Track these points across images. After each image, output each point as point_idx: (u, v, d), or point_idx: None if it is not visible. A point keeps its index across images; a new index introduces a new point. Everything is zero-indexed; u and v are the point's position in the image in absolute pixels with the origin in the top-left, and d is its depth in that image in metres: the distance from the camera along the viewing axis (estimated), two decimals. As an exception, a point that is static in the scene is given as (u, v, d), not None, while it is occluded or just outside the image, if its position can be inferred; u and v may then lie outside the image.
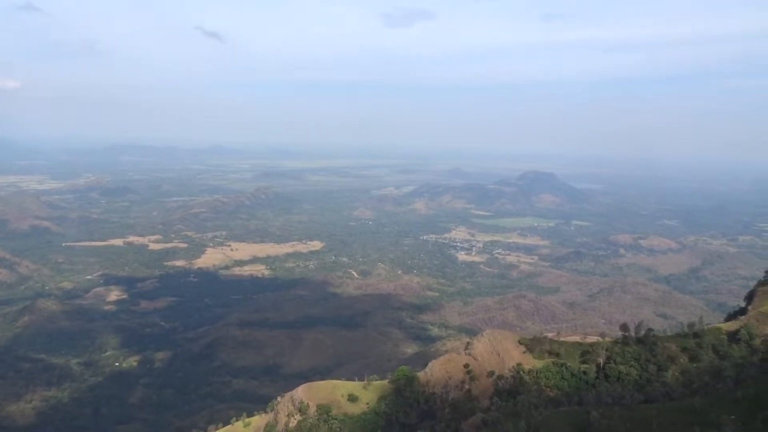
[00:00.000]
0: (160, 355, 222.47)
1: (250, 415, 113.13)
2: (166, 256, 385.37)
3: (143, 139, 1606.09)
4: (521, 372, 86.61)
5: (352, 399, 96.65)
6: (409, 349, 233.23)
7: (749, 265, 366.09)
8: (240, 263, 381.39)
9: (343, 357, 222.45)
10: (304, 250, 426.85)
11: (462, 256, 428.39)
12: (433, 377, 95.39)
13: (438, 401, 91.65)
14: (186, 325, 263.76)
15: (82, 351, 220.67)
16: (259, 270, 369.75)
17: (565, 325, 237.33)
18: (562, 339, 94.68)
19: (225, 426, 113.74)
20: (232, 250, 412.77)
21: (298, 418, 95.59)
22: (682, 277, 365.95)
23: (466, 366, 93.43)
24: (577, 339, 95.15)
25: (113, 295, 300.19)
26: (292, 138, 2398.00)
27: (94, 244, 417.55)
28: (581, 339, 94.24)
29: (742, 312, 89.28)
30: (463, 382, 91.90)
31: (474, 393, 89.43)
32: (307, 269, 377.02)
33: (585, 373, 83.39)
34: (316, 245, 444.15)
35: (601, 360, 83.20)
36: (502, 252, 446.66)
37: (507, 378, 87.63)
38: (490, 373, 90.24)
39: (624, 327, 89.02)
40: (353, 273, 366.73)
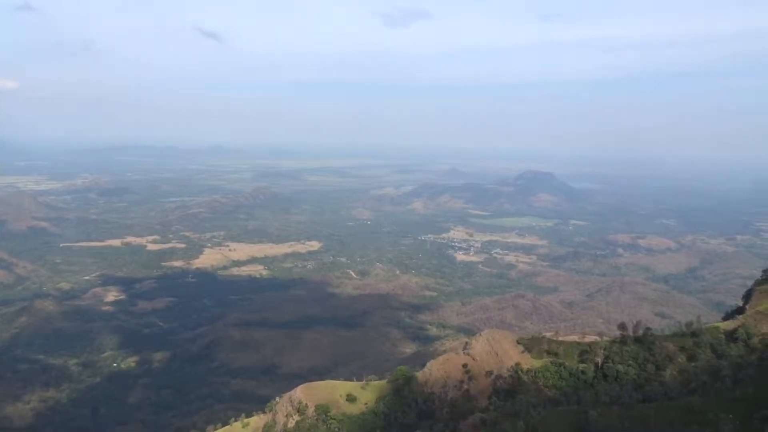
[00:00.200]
0: (159, 356, 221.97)
1: (249, 415, 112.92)
2: (165, 257, 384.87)
3: (141, 139, 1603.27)
4: (519, 372, 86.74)
5: (351, 399, 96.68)
6: (407, 349, 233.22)
7: (747, 264, 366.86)
8: (238, 263, 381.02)
9: (342, 357, 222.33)
10: (303, 251, 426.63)
11: (460, 256, 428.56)
12: (432, 377, 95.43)
13: (436, 401, 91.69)
14: (184, 325, 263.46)
15: (80, 352, 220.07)
16: (258, 270, 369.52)
17: (563, 324, 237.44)
18: (561, 339, 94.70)
19: (224, 426, 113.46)
20: (231, 250, 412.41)
21: (296, 418, 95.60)
22: (680, 277, 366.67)
23: (465, 366, 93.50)
24: (575, 338, 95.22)
25: (111, 296, 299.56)
26: (290, 138, 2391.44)
27: (91, 244, 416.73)
28: (579, 338, 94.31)
29: (740, 311, 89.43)
30: (461, 382, 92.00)
31: (472, 393, 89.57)
32: (305, 269, 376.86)
33: (583, 372, 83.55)
34: (315, 245, 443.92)
35: (599, 359, 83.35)
36: (501, 252, 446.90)
37: (505, 378, 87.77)
38: (489, 373, 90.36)
39: (622, 326, 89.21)
40: (351, 273, 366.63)
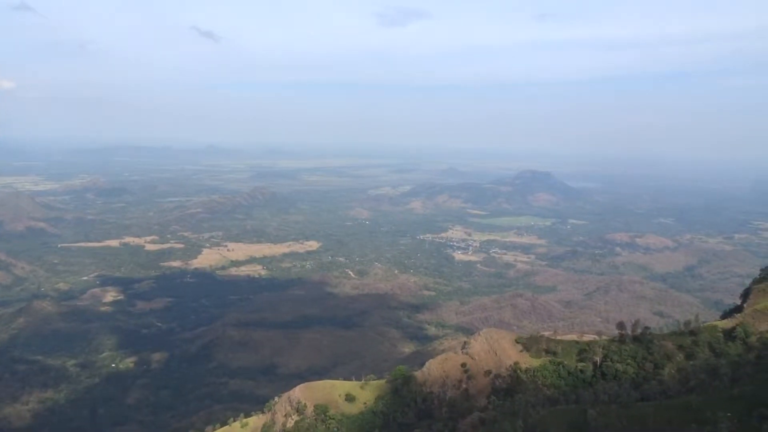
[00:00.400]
0: (157, 356, 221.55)
1: (248, 415, 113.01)
2: (163, 257, 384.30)
3: (139, 139, 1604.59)
4: (518, 371, 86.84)
5: (350, 399, 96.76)
6: (406, 349, 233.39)
7: (745, 263, 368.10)
8: (236, 263, 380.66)
9: (341, 357, 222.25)
10: (301, 250, 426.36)
11: (459, 256, 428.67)
12: (431, 376, 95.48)
13: (435, 400, 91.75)
14: (183, 325, 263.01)
15: (79, 352, 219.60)
16: (256, 270, 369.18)
17: (561, 323, 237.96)
18: (559, 338, 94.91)
19: (222, 426, 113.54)
20: (229, 250, 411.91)
21: (295, 418, 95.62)
22: (679, 275, 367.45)
23: (464, 365, 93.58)
24: (573, 337, 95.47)
25: (109, 296, 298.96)
26: (288, 138, 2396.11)
27: (90, 245, 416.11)
28: (578, 337, 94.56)
29: (737, 310, 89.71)
30: (460, 381, 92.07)
31: (471, 392, 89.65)
32: (303, 269, 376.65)
33: (582, 371, 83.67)
34: (313, 245, 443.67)
35: (597, 358, 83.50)
36: (499, 251, 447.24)
37: (504, 377, 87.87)
38: (488, 372, 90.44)
39: (620, 325, 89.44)
40: (350, 273, 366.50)
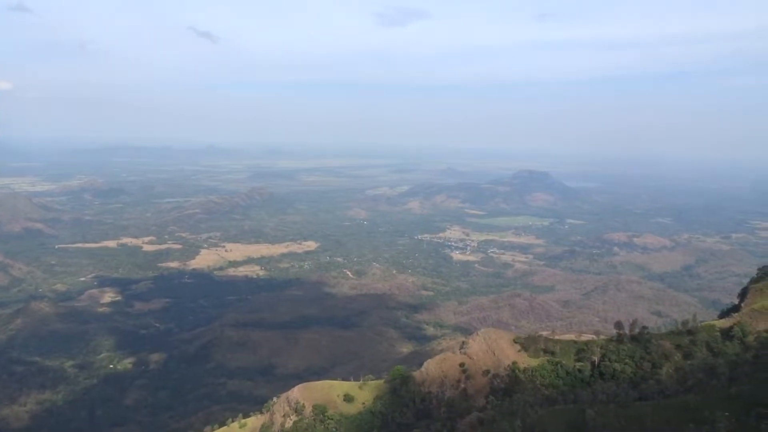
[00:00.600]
0: (155, 357, 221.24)
1: (246, 415, 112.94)
2: (161, 258, 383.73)
3: (136, 140, 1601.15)
4: (516, 371, 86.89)
5: (348, 399, 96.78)
6: (404, 349, 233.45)
7: (742, 262, 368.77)
8: (234, 264, 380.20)
9: (339, 357, 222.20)
10: (299, 251, 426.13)
11: (457, 256, 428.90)
12: (429, 376, 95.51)
13: (434, 400, 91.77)
14: (181, 326, 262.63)
15: (77, 353, 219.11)
16: (254, 271, 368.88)
17: (560, 323, 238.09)
18: (557, 337, 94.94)
19: (221, 427, 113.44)
20: (227, 250, 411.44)
21: (294, 418, 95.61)
22: (676, 275, 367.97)
23: (462, 365, 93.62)
24: (572, 337, 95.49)
25: (107, 297, 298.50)
26: (287, 138, 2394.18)
27: (87, 245, 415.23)
28: (576, 337, 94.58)
29: (735, 309, 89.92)
30: (458, 381, 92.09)
31: (470, 392, 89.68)
32: (302, 269, 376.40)
33: (580, 371, 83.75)
34: (311, 245, 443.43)
35: (595, 358, 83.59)
36: (497, 251, 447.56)
37: (502, 377, 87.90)
38: (486, 372, 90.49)
39: (618, 325, 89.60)
40: (348, 273, 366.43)
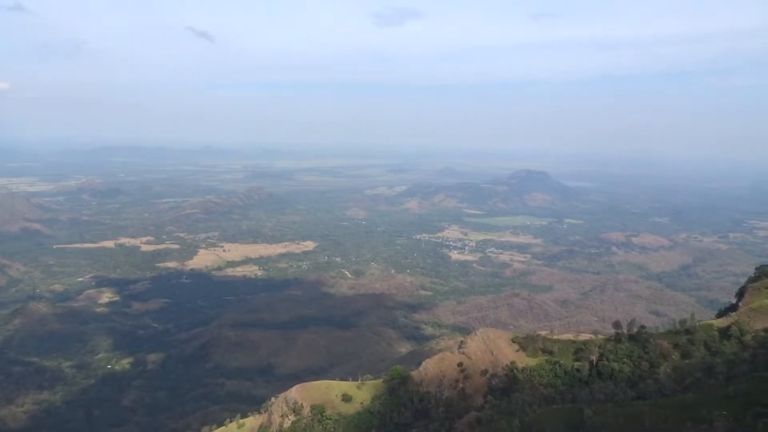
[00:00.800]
0: (153, 357, 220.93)
1: (244, 416, 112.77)
2: (158, 258, 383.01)
3: (134, 140, 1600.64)
4: (515, 370, 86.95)
5: (347, 399, 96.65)
6: (402, 349, 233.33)
7: (740, 262, 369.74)
8: (233, 264, 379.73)
9: (337, 357, 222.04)
10: (297, 251, 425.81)
11: (455, 255, 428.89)
12: (427, 376, 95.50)
13: (432, 400, 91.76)
14: (179, 326, 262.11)
15: (74, 353, 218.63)
16: (252, 271, 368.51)
17: (558, 323, 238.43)
18: (556, 337, 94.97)
19: (219, 427, 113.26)
20: (225, 251, 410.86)
21: (292, 418, 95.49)
22: (674, 275, 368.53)
23: (460, 365, 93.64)
24: (570, 337, 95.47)
25: (105, 297, 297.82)
26: (283, 138, 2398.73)
27: (85, 246, 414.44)
28: (574, 337, 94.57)
29: (733, 308, 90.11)
30: (457, 381, 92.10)
31: (468, 391, 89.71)
32: (300, 269, 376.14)
33: (578, 370, 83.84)
34: (309, 245, 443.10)
35: (594, 357, 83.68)
36: (495, 251, 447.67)
37: (501, 376, 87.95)
38: (484, 372, 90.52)
39: (616, 324, 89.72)
40: (346, 273, 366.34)
